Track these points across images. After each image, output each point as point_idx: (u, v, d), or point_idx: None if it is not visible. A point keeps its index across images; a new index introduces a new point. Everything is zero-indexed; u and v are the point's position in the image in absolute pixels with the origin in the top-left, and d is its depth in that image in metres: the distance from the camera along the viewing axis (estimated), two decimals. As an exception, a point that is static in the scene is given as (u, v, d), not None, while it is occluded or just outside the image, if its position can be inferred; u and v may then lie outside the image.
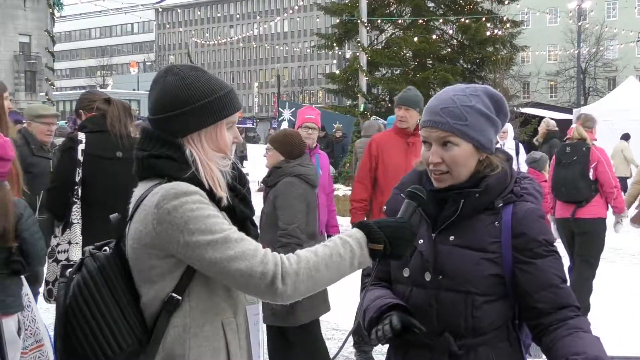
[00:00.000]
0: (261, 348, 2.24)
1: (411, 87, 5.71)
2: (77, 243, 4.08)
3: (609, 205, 7.03)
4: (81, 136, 4.14)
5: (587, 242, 6.88)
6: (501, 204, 2.16)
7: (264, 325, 4.51)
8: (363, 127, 13.20)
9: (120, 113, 4.17)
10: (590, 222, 6.84)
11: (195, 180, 2.01)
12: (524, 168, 8.80)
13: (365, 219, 5.37)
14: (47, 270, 4.19)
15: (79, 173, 4.10)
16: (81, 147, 4.10)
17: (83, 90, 5.99)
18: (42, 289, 4.33)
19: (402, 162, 5.24)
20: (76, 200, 4.10)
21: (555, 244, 2.18)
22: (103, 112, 4.22)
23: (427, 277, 2.17)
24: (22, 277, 3.78)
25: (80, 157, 4.10)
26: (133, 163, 2.09)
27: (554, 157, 7.23)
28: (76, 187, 4.10)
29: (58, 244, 4.13)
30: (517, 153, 9.98)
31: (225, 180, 2.08)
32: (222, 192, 2.05)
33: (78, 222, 4.09)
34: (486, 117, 2.16)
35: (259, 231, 2.17)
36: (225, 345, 2.06)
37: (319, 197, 5.19)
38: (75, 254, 4.00)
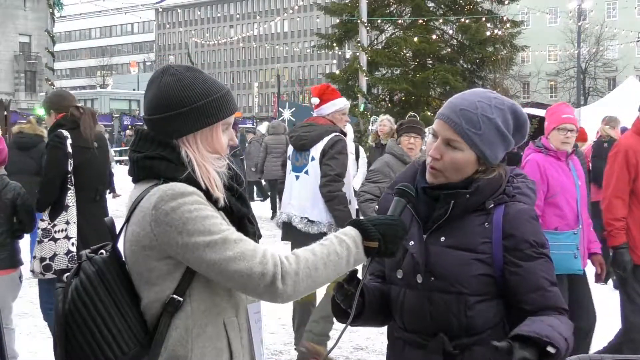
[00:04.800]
0: (263, 346, 2.24)
1: None
2: (74, 222, 4.77)
3: None
4: (65, 133, 4.83)
5: None
6: (492, 205, 2.15)
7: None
8: (272, 126, 14.15)
9: (90, 122, 4.87)
10: None
11: (192, 181, 1.99)
12: (363, 172, 8.22)
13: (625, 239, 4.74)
14: (43, 248, 4.75)
15: (70, 164, 4.79)
16: (69, 141, 4.80)
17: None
18: (34, 267, 4.79)
19: None
20: (70, 186, 4.80)
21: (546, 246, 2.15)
22: (75, 117, 4.87)
23: (419, 279, 2.17)
24: None
25: (69, 149, 4.79)
26: (106, 150, 2.11)
27: (590, 149, 8.20)
28: (69, 176, 4.79)
29: (55, 224, 4.77)
30: (357, 157, 8.90)
31: (222, 180, 2.07)
32: (219, 193, 2.03)
33: (73, 205, 4.79)
34: (501, 133, 2.15)
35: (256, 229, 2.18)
36: (228, 344, 2.05)
37: None
38: (73, 232, 4.78)
